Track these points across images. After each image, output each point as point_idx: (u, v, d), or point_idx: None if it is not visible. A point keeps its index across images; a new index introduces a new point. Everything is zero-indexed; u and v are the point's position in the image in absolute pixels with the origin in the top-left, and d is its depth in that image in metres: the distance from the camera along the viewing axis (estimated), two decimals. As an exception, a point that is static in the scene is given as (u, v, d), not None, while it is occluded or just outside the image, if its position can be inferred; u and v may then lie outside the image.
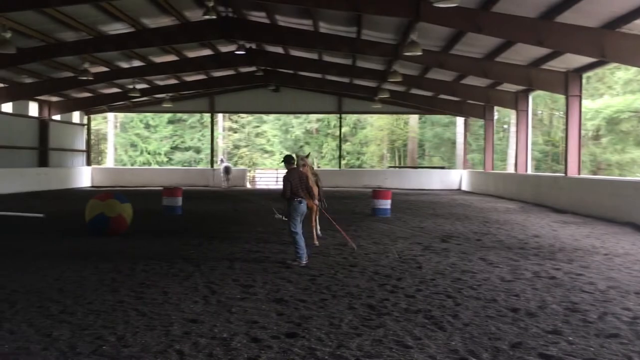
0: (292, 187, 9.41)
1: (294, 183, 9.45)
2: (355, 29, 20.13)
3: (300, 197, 9.51)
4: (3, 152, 28.70)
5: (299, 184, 9.56)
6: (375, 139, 53.83)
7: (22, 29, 18.80)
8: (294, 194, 9.44)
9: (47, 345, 5.21)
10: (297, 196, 9.47)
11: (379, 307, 6.68)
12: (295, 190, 9.46)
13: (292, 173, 9.60)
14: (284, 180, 9.51)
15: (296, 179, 9.54)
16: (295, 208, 9.50)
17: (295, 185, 9.47)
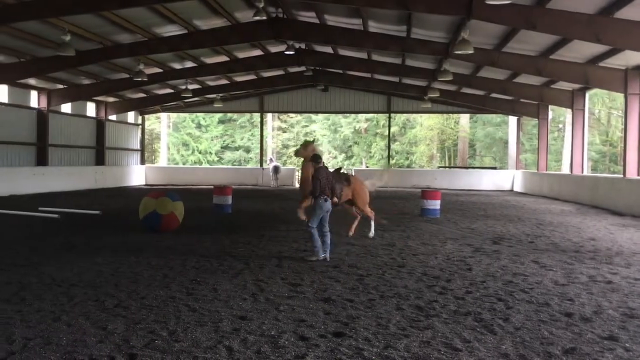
0: (320, 185, 9.65)
1: (322, 181, 9.70)
2: (405, 28, 19.96)
3: (325, 195, 9.72)
4: (63, 151, 29.85)
5: (326, 183, 9.78)
6: (425, 138, 53.25)
7: (81, 32, 19.50)
8: (320, 192, 9.67)
9: (103, 338, 5.38)
10: (323, 194, 9.68)
11: (428, 309, 6.60)
12: (322, 189, 9.68)
13: (320, 171, 9.83)
14: (314, 179, 9.76)
15: (324, 178, 9.77)
16: (320, 205, 9.68)
17: (323, 184, 9.69)
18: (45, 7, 16.29)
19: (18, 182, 24.71)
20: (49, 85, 27.79)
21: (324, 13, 20.18)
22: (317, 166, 9.93)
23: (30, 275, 8.14)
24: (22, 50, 21.44)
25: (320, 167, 9.93)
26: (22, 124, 26.84)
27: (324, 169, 9.98)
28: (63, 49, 18.35)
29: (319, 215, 9.71)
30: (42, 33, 19.44)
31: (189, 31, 21.07)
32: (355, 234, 12.35)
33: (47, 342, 5.25)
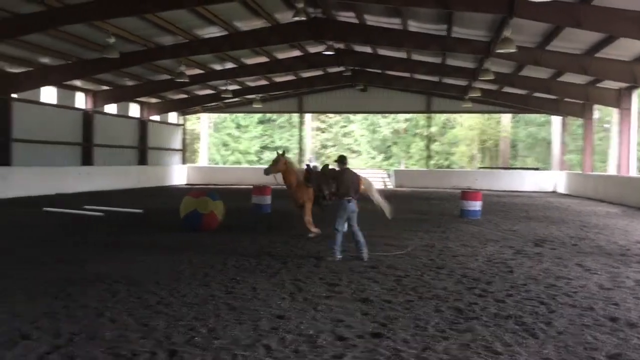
0: (345, 187, 9.73)
1: (346, 183, 9.75)
2: (445, 27, 19.75)
3: (349, 197, 9.75)
4: (107, 151, 30.60)
5: (350, 185, 9.81)
6: (465, 138, 52.53)
7: (125, 34, 19.96)
8: (344, 194, 9.72)
9: (145, 334, 5.49)
10: (346, 195, 9.73)
11: (467, 311, 6.51)
12: (346, 190, 9.72)
13: (345, 173, 9.91)
14: (338, 180, 9.90)
15: (348, 179, 9.82)
16: (344, 207, 9.74)
17: (346, 185, 9.74)
18: (91, 11, 16.73)
19: (64, 181, 25.46)
20: (94, 87, 28.53)
21: (364, 13, 20.14)
22: (341, 167, 10.03)
23: (76, 271, 8.38)
24: (68, 52, 22.07)
25: (346, 169, 10.00)
26: (68, 124, 27.64)
27: (349, 170, 10.04)
28: (107, 51, 18.82)
29: (344, 216, 9.76)
30: (88, 36, 19.98)
31: (229, 32, 21.33)
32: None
33: (92, 337, 5.39)
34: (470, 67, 25.64)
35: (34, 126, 25.06)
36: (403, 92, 36.06)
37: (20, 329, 5.57)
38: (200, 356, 4.93)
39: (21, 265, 8.79)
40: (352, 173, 10.04)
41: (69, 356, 4.88)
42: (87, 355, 4.89)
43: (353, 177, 9.96)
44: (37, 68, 23.29)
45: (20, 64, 22.66)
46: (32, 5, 16.32)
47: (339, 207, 9.82)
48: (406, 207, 20.91)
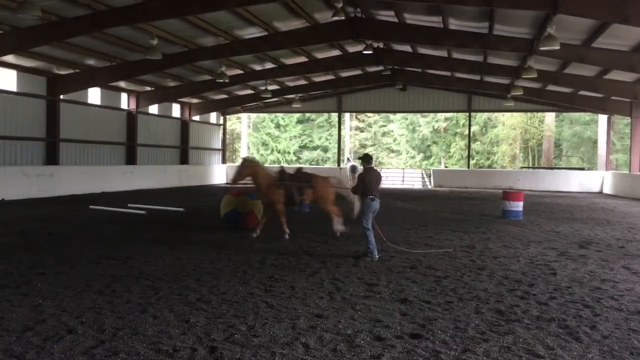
0: (366, 186, 9.78)
1: (367, 182, 9.81)
2: (487, 25, 19.44)
3: (373, 195, 9.81)
4: (150, 150, 31.24)
5: (374, 184, 9.87)
6: (507, 138, 51.63)
7: (167, 36, 20.33)
8: (367, 192, 9.78)
9: (185, 331, 5.60)
10: (370, 194, 9.79)
11: (508, 313, 6.41)
12: (369, 189, 9.78)
13: (368, 172, 9.95)
14: (359, 179, 9.93)
15: (371, 178, 9.87)
16: (368, 205, 9.81)
17: (369, 184, 9.80)
18: (135, 13, 17.09)
19: (109, 179, 26.12)
20: (138, 88, 29.16)
21: (403, 11, 19.99)
22: (366, 167, 10.07)
23: (121, 268, 8.59)
24: (113, 54, 22.62)
25: (370, 168, 10.06)
26: (113, 124, 28.34)
27: (373, 169, 10.09)
28: (150, 52, 19.21)
29: (370, 215, 9.85)
30: (132, 38, 20.43)
31: (268, 33, 21.48)
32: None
33: (135, 332, 5.52)
34: (513, 65, 25.17)
35: (80, 126, 25.79)
36: (443, 91, 35.67)
37: (66, 324, 5.75)
38: (240, 353, 4.99)
39: (68, 261, 9.06)
40: (375, 172, 10.10)
41: (113, 351, 5.01)
42: (130, 350, 5.01)
43: (377, 176, 10.04)
44: (84, 70, 23.95)
45: (67, 66, 23.36)
46: (78, 8, 16.78)
47: (363, 206, 9.88)
48: (446, 207, 20.69)
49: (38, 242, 11.04)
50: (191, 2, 16.85)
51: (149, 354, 4.95)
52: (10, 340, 5.20)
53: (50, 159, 23.91)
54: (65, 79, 23.88)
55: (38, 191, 21.65)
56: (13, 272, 8.13)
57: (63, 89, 23.90)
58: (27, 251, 9.98)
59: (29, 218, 15.02)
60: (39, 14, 14.38)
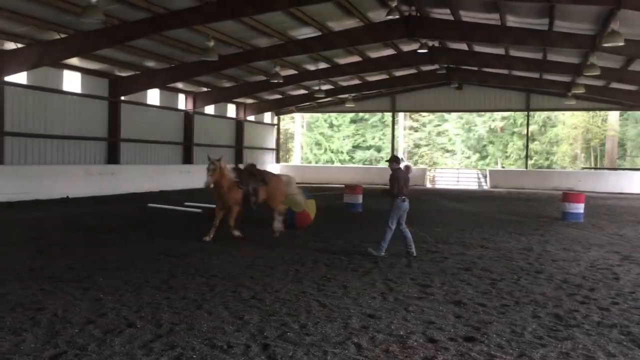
0: (399, 186, 9.79)
1: (401, 182, 9.84)
2: (546, 21, 18.88)
3: (404, 196, 9.84)
4: (207, 150, 31.87)
5: (405, 184, 9.91)
6: (568, 137, 50.04)
7: (223, 38, 20.71)
8: (400, 193, 9.79)
9: (239, 327, 5.68)
10: (402, 194, 9.81)
11: (567, 318, 6.21)
12: (401, 189, 9.81)
13: (399, 172, 9.98)
14: (393, 179, 9.88)
15: (402, 179, 9.90)
16: (399, 206, 9.83)
17: (402, 185, 9.83)
18: (192, 15, 17.49)
19: (167, 178, 26.82)
20: (194, 89, 29.83)
21: (459, 9, 19.66)
22: (396, 167, 10.07)
23: (178, 265, 8.80)
24: (171, 56, 23.22)
25: (398, 168, 10.07)
26: (170, 124, 29.09)
27: (400, 170, 10.09)
28: (207, 54, 19.61)
29: (397, 215, 9.88)
30: (189, 40, 20.92)
31: (322, 33, 21.55)
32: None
33: (190, 327, 5.64)
34: (574, 62, 24.37)
35: (139, 127, 26.60)
36: (500, 90, 34.91)
37: (126, 318, 5.93)
38: (292, 351, 5.02)
39: (127, 257, 9.35)
40: (403, 172, 10.12)
41: (170, 345, 5.13)
42: (186, 345, 5.13)
43: (406, 177, 10.06)
44: (143, 71, 24.70)
45: (128, 68, 24.14)
46: (139, 12, 17.31)
47: (393, 205, 9.88)
48: (502, 208, 20.24)
49: (100, 238, 11.45)
50: (247, 3, 17.09)
51: (204, 349, 5.05)
52: (73, 333, 5.41)
53: (112, 158, 24.76)
54: (126, 81, 24.69)
55: (100, 189, 22.45)
56: (76, 266, 8.46)
57: (124, 90, 24.72)
58: (90, 247, 10.37)
59: (92, 215, 15.59)
60: (102, 17, 14.92)
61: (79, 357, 4.80)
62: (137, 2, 16.54)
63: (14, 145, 20.37)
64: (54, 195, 20.30)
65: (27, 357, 4.77)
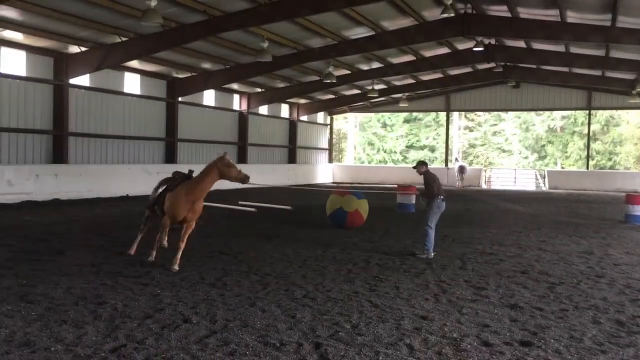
0: (437, 187, 9.90)
1: (437, 183, 9.95)
2: (609, 16, 18.19)
3: (442, 196, 9.95)
4: (260, 150, 32.32)
5: (439, 185, 10.03)
6: (632, 137, 48.02)
7: (277, 39, 20.92)
8: (439, 193, 9.88)
9: (292, 326, 5.73)
10: (440, 195, 9.91)
11: (630, 324, 5.97)
12: (439, 190, 9.92)
13: (431, 174, 10.07)
14: (431, 181, 9.95)
15: (437, 180, 10.02)
16: (439, 206, 9.94)
17: (439, 186, 9.98)
18: (247, 17, 17.75)
19: (222, 178, 27.27)
20: (249, 89, 30.25)
21: (517, 5, 19.20)
22: (425, 169, 10.15)
23: (232, 263, 8.96)
24: (226, 57, 23.63)
25: (428, 170, 10.15)
26: (225, 125, 29.61)
27: (430, 172, 10.16)
28: (261, 55, 19.87)
29: (437, 215, 9.95)
30: (244, 41, 21.23)
31: (376, 32, 21.46)
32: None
33: (244, 324, 5.73)
34: (638, 59, 23.39)
35: (195, 127, 27.18)
36: (560, 88, 33.89)
37: (182, 313, 6.08)
38: (344, 351, 5.03)
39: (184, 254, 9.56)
40: (434, 174, 10.21)
41: (224, 341, 5.23)
42: (240, 342, 5.21)
43: (436, 177, 10.14)
44: (200, 73, 25.23)
45: (185, 70, 24.72)
46: (196, 15, 17.70)
47: (432, 206, 9.90)
48: (561, 210, 19.64)
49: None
50: (300, 4, 17.21)
51: (258, 346, 5.12)
52: (132, 327, 5.59)
53: (169, 157, 25.41)
54: (183, 82, 25.29)
55: (158, 188, 23.07)
56: (135, 263, 8.72)
57: (181, 91, 25.32)
58: (148, 244, 10.66)
59: (150, 213, 16.03)
60: (160, 21, 15.34)
61: (138, 350, 4.95)
62: (193, 5, 16.93)
63: (77, 145, 21.19)
64: (115, 193, 21.01)
65: (89, 349, 4.96)
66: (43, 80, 19.75)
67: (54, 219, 13.95)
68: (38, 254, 9.32)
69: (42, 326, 5.53)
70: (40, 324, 5.61)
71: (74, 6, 16.45)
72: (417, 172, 10.23)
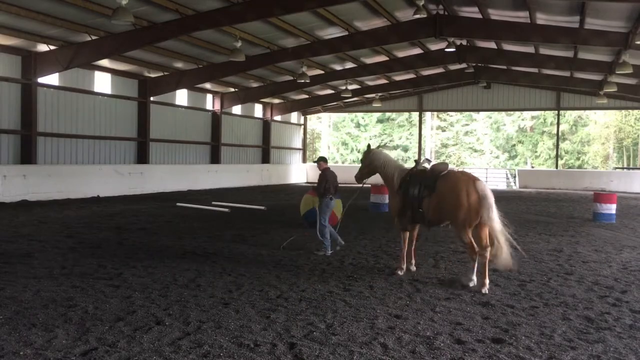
0: (327, 185, 9.96)
1: (329, 181, 10.01)
2: (577, 18, 18.56)
3: (331, 195, 10.03)
4: (233, 150, 32.14)
5: (332, 183, 10.06)
6: (600, 137, 49.10)
7: (250, 38, 20.84)
8: (327, 192, 9.97)
9: (266, 326, 5.71)
10: (329, 193, 9.98)
11: (599, 321, 6.10)
12: (329, 188, 9.97)
13: (327, 172, 10.12)
14: (323, 179, 10.01)
15: (330, 178, 10.05)
16: (328, 205, 10.04)
17: (329, 184, 9.98)
18: (220, 16, 17.62)
19: (195, 178, 27.12)
20: (222, 89, 30.06)
21: (487, 7, 19.44)
22: (324, 167, 10.21)
23: (205, 263, 8.89)
24: (199, 57, 23.45)
25: (327, 168, 10.21)
26: (198, 125, 29.38)
27: (330, 170, 10.22)
28: (234, 54, 19.77)
29: (328, 213, 10.05)
30: (217, 41, 21.10)
31: (349, 32, 21.52)
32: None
33: (218, 325, 5.70)
34: (606, 60, 23.91)
35: (168, 127, 26.93)
36: (530, 89, 34.47)
37: (155, 315, 6.02)
38: (318, 350, 5.03)
39: (156, 256, 9.48)
40: (332, 173, 10.25)
41: (197, 342, 5.19)
42: (214, 343, 5.18)
43: (334, 176, 10.21)
44: (172, 72, 24.98)
45: (157, 69, 24.45)
46: (167, 13, 17.52)
47: (322, 205, 10.04)
48: (531, 209, 19.96)
49: (130, 237, 11.62)
50: (273, 4, 17.16)
51: (232, 347, 5.09)
52: (103, 330, 5.50)
53: (141, 157, 25.11)
54: (155, 82, 25.01)
55: (129, 188, 22.81)
56: (107, 265, 8.60)
57: (153, 91, 25.04)
58: (120, 245, 10.53)
59: (122, 214, 15.84)
60: (131, 19, 15.14)
61: (109, 353, 4.88)
62: (165, 4, 16.74)
63: (46, 145, 20.80)
64: (85, 194, 20.69)
65: (59, 353, 4.87)
66: (10, 79, 19.34)
67: (23, 221, 13.67)
68: (6, 256, 9.12)
69: (10, 330, 5.42)
70: (8, 327, 5.49)
71: (43, 4, 16.15)
72: (318, 168, 10.39)
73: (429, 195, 7.89)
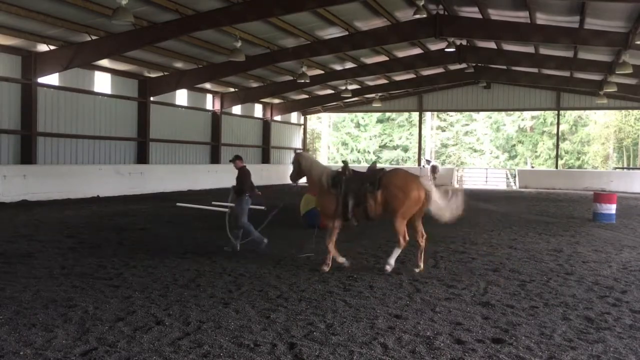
0: (246, 185, 10.16)
1: (247, 181, 10.18)
2: (577, 18, 18.57)
3: (248, 193, 10.27)
4: (234, 150, 32.13)
5: (250, 182, 10.29)
6: (600, 137, 49.10)
7: (250, 38, 20.85)
8: (245, 190, 10.16)
9: (266, 326, 5.71)
10: (247, 192, 10.19)
11: (598, 321, 6.09)
12: (248, 188, 10.21)
13: (245, 171, 10.27)
14: (242, 177, 10.19)
15: (247, 178, 10.20)
16: (248, 202, 10.28)
17: (249, 184, 10.23)
18: (220, 16, 17.64)
19: (195, 178, 27.12)
20: (222, 89, 30.07)
21: (488, 7, 19.45)
22: (241, 165, 10.34)
23: (205, 264, 8.89)
24: (199, 57, 23.46)
25: (244, 167, 10.32)
26: (198, 125, 29.40)
27: (246, 168, 10.33)
28: (234, 54, 19.78)
29: (247, 210, 10.20)
30: (217, 40, 21.11)
31: (349, 33, 21.53)
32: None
33: (218, 325, 5.69)
34: (606, 60, 23.92)
35: (168, 127, 26.93)
36: (530, 89, 34.49)
37: (155, 315, 6.01)
38: (318, 350, 5.03)
39: (157, 256, 9.48)
40: (248, 171, 10.37)
41: (197, 343, 5.19)
42: (214, 343, 5.18)
43: (249, 174, 10.34)
44: (172, 72, 24.99)
45: (157, 69, 24.46)
46: (167, 14, 17.53)
47: (242, 203, 10.14)
48: (531, 209, 19.96)
49: (130, 237, 11.62)
50: (273, 4, 17.17)
51: (231, 347, 5.09)
52: (103, 330, 5.50)
53: (141, 157, 25.12)
54: (155, 82, 25.03)
55: (130, 188, 22.81)
56: (107, 265, 8.60)
57: (153, 91, 25.06)
58: (120, 245, 10.53)
59: (122, 214, 15.84)
60: (131, 19, 15.15)
61: (109, 353, 4.88)
62: (165, 4, 16.76)
63: (46, 145, 20.81)
64: (85, 194, 20.69)
65: (59, 353, 4.87)
66: (10, 79, 19.36)
67: (23, 221, 13.67)
68: (6, 256, 9.12)
69: (10, 330, 5.42)
70: (8, 327, 5.49)
71: (43, 4, 16.16)
72: (235, 166, 10.45)
73: (372, 192, 8.53)
